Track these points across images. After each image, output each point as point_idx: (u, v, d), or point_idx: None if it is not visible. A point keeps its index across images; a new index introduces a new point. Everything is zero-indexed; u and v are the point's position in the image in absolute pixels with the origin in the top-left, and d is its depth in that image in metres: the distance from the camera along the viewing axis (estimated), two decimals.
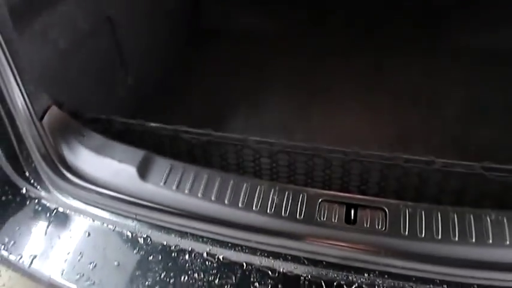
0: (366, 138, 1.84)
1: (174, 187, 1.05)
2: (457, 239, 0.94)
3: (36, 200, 1.13)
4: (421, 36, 2.47)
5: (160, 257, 1.00)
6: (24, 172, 1.16)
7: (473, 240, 0.94)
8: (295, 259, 0.97)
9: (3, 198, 1.15)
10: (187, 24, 2.52)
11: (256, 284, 0.94)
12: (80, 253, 1.04)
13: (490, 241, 0.94)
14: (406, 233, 0.96)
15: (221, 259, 0.98)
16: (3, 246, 1.06)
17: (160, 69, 2.20)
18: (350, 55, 2.34)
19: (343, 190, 1.28)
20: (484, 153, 1.76)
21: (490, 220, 0.96)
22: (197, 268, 0.98)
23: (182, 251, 0.99)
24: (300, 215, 0.98)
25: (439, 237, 0.95)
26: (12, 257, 1.06)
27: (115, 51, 1.83)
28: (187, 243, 1.00)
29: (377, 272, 0.94)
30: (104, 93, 1.78)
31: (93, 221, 1.07)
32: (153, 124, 1.28)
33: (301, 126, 1.91)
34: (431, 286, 0.93)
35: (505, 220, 0.96)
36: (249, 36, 2.49)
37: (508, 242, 0.93)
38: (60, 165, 1.12)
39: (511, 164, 1.64)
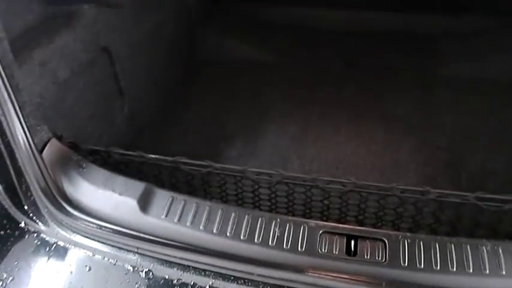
0: (360, 166, 1.87)
1: (175, 220, 1.05)
2: (455, 269, 0.96)
3: (35, 234, 1.12)
4: (411, 65, 2.54)
5: None
6: (23, 205, 1.15)
7: (471, 270, 0.96)
8: None
9: (1, 232, 1.14)
10: (184, 54, 2.56)
11: None
12: None
13: (487, 271, 0.95)
14: (406, 264, 0.97)
15: None
16: (1, 283, 1.05)
17: (156, 99, 2.22)
18: (342, 84, 2.39)
19: (341, 220, 1.30)
20: (476, 180, 1.81)
21: (486, 250, 0.98)
22: None
23: (184, 285, 0.99)
24: (302, 247, 0.99)
25: (438, 268, 0.96)
26: None
27: (112, 81, 1.85)
28: (189, 277, 1.00)
29: None
30: (101, 123, 1.79)
31: (94, 255, 1.07)
32: (152, 156, 1.29)
33: (297, 155, 1.93)
34: None
35: (501, 250, 0.98)
36: (244, 66, 2.53)
37: (504, 272, 0.95)
38: (59, 198, 1.12)
39: (502, 191, 1.68)
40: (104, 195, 1.12)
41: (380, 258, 0.98)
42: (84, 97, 1.68)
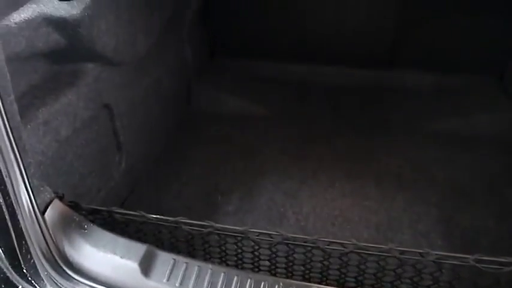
0: (356, 223, 1.89)
1: (177, 284, 1.05)
2: None
3: None
4: (401, 120, 2.62)
5: None
6: (22, 268, 1.14)
7: None
8: None
9: None
10: (181, 109, 2.62)
11: None
12: None
13: None
14: None
15: None
16: None
17: (153, 153, 2.25)
18: (335, 140, 2.45)
19: (340, 280, 1.30)
20: (468, 237, 1.83)
21: None
22: None
23: None
24: None
25: None
26: None
27: (112, 136, 1.88)
28: None
29: None
30: (99, 178, 1.80)
31: None
32: (153, 216, 1.30)
33: (293, 211, 1.95)
34: None
35: None
36: (239, 121, 2.59)
37: None
38: (60, 262, 1.11)
39: (495, 249, 1.71)
40: (105, 258, 1.12)
41: None
42: (84, 153, 1.70)
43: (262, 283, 1.04)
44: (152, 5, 2.04)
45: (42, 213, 1.16)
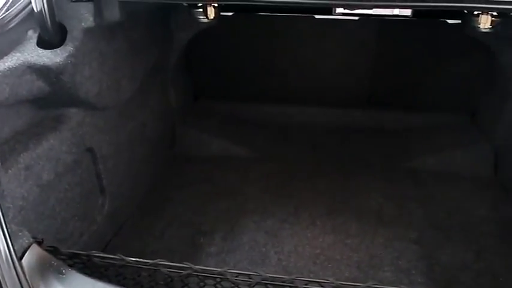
0: (337, 261, 1.90)
1: None
2: None
3: None
4: (380, 159, 2.69)
5: None
6: None
7: None
8: None
9: None
10: (164, 151, 2.65)
11: None
12: None
13: None
14: None
15: None
16: None
17: (137, 195, 2.26)
18: (316, 178, 2.50)
19: None
20: (448, 274, 1.86)
21: None
22: None
23: None
24: None
25: None
26: None
27: (95, 180, 1.89)
28: None
29: None
30: (82, 221, 1.80)
31: None
32: (132, 259, 1.30)
33: (275, 250, 1.96)
34: None
35: None
36: (221, 162, 2.64)
37: None
38: None
39: (475, 284, 1.74)
40: None
41: None
42: (66, 197, 1.70)
43: None
44: (136, 51, 2.11)
45: (20, 258, 1.16)
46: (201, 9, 2.25)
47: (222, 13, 2.59)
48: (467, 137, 2.74)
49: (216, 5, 2.24)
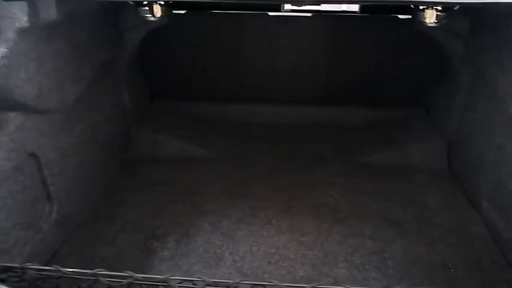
0: (292, 260, 1.90)
1: None
2: None
3: None
4: (337, 155, 2.70)
5: None
6: None
7: None
8: None
9: None
10: (118, 154, 2.58)
11: None
12: None
13: None
14: None
15: None
16: None
17: (89, 200, 2.18)
18: (274, 176, 2.49)
19: None
20: (402, 267, 1.88)
21: None
22: None
23: None
24: None
25: None
26: None
27: (40, 186, 1.82)
28: None
29: None
30: (26, 230, 1.72)
31: None
32: (69, 270, 1.25)
33: (230, 251, 1.93)
34: None
35: None
36: (178, 163, 2.59)
37: None
38: None
39: (427, 277, 1.76)
40: None
41: None
42: (6, 206, 1.63)
43: None
44: (82, 51, 2.04)
45: None
46: (147, 8, 2.19)
47: (174, 11, 2.53)
48: (421, 131, 2.79)
49: (162, 2, 2.19)
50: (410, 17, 2.51)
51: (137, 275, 1.24)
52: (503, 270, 1.87)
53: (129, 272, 1.24)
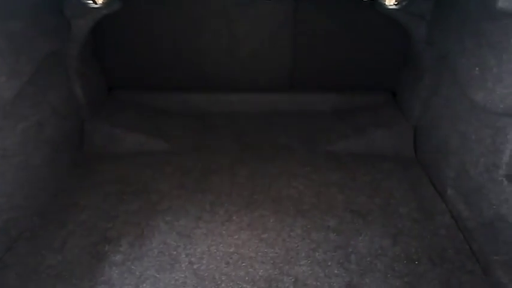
0: (251, 259, 1.81)
1: None
2: None
3: None
4: (301, 144, 2.62)
5: None
6: None
7: None
8: None
9: None
10: (71, 152, 2.43)
11: None
12: None
13: None
14: None
15: None
16: None
17: (35, 204, 2.04)
18: (236, 169, 2.39)
19: None
20: (365, 262, 1.82)
21: None
22: None
23: None
24: None
25: None
26: None
27: None
28: None
29: None
30: None
31: None
32: None
33: (186, 253, 1.83)
34: None
35: None
36: (136, 158, 2.46)
37: None
38: None
39: (391, 270, 1.70)
40: None
41: None
42: None
43: None
44: (19, 44, 1.88)
45: None
46: None
47: None
48: (388, 117, 2.72)
49: None
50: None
51: None
52: (467, 260, 1.82)
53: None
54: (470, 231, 1.90)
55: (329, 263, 1.80)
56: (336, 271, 1.77)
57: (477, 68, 1.81)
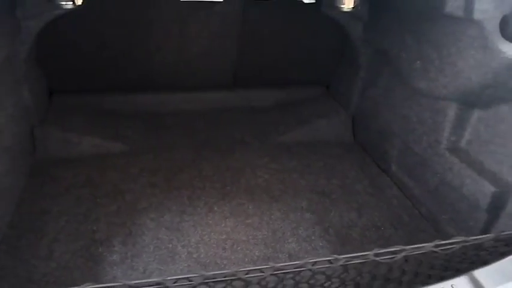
0: (244, 242, 1.95)
1: None
2: None
3: None
4: (256, 137, 2.79)
5: None
6: None
7: None
8: None
9: None
10: (26, 158, 2.30)
11: None
12: None
13: None
14: None
15: None
16: None
17: (2, 214, 1.92)
18: (200, 165, 2.48)
19: None
20: (341, 234, 2.06)
21: None
22: None
23: None
24: None
25: None
26: None
27: None
28: None
29: None
30: None
31: None
32: None
33: (182, 244, 1.90)
34: None
35: None
36: (96, 161, 2.42)
37: None
38: None
39: (364, 237, 1.96)
40: None
41: None
42: None
43: None
44: None
45: None
46: None
47: None
48: (327, 108, 3.03)
49: None
50: (314, 1, 2.68)
51: (130, 282, 1.17)
52: (419, 221, 2.18)
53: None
54: (417, 198, 2.26)
55: (312, 238, 2.02)
56: (320, 244, 1.99)
57: (418, 61, 2.16)
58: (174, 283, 1.20)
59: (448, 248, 1.34)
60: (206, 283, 1.23)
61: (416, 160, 2.29)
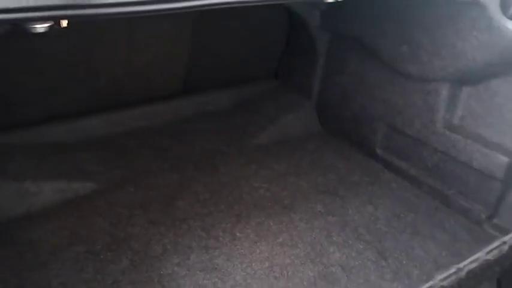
0: (290, 264, 1.80)
1: None
2: None
3: None
4: (225, 143, 2.60)
5: None
6: None
7: None
8: None
9: None
10: None
11: None
12: None
13: None
14: None
15: None
16: None
17: None
18: (186, 187, 2.22)
19: None
20: (375, 226, 2.03)
21: None
22: None
23: None
24: None
25: None
26: None
27: None
28: None
29: None
30: None
31: None
32: None
33: (230, 285, 1.68)
34: None
35: None
36: (64, 209, 1.99)
37: None
38: None
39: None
40: None
41: None
42: None
43: None
44: None
45: None
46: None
47: None
48: (288, 101, 2.93)
49: None
50: None
51: None
52: (428, 200, 2.25)
53: None
54: (415, 177, 2.34)
55: (350, 242, 1.95)
56: (360, 246, 1.93)
57: (405, 46, 2.19)
58: None
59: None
60: None
61: (407, 142, 2.35)
